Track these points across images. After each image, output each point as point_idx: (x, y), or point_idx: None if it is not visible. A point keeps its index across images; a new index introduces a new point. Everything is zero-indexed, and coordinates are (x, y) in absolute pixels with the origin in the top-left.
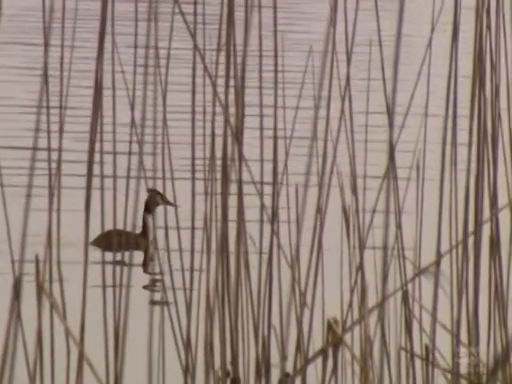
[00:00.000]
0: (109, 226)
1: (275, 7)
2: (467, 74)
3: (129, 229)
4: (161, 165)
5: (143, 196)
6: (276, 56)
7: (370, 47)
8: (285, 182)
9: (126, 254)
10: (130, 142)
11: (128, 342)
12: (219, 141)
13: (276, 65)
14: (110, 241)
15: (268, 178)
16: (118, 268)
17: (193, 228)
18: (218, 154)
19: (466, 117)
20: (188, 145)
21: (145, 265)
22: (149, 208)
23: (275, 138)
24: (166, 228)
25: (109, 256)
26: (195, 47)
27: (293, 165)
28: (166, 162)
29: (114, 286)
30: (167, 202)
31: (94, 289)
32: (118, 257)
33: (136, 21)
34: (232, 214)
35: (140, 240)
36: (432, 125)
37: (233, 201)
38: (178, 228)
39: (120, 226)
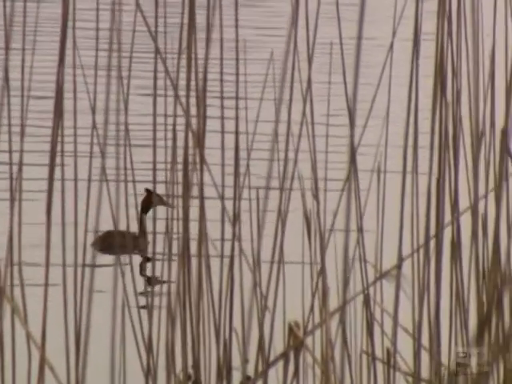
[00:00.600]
0: (70, 230)
1: (236, 9)
2: (430, 80)
3: (93, 231)
4: (122, 169)
5: (105, 198)
6: (237, 60)
7: (330, 50)
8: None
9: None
10: (92, 145)
11: (89, 345)
12: (181, 144)
13: (237, 69)
14: (108, 243)
15: (230, 181)
16: (85, 270)
17: (154, 232)
18: (180, 158)
19: (427, 119)
20: (150, 148)
21: (142, 266)
22: (145, 209)
23: (237, 145)
24: (128, 232)
25: (107, 258)
26: (156, 50)
27: (255, 168)
28: (127, 166)
29: (75, 289)
30: (163, 203)
31: (56, 291)
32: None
33: (97, 22)
34: (193, 217)
35: (139, 241)
36: (393, 128)
37: (194, 204)
38: (140, 232)
39: (81, 229)
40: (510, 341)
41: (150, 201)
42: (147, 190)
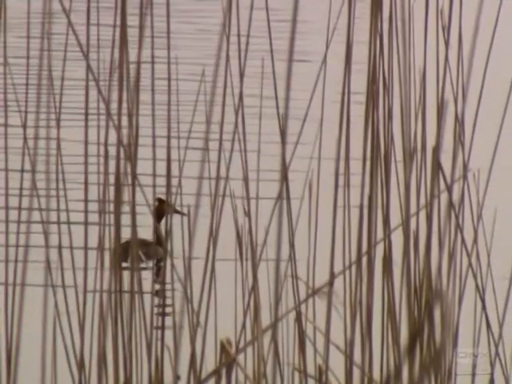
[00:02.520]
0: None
1: (168, 17)
2: (362, 91)
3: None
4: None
5: (36, 213)
6: (169, 80)
7: (262, 63)
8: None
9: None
10: (23, 158)
11: (20, 360)
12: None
13: (169, 86)
14: (127, 251)
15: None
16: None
17: (85, 246)
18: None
19: (360, 135)
20: (81, 165)
21: (158, 274)
22: (158, 217)
23: (169, 159)
24: (60, 246)
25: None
26: (88, 67)
27: (187, 186)
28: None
29: (5, 304)
30: (176, 211)
31: None
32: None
33: (28, 38)
34: (125, 233)
35: (158, 249)
36: (326, 142)
37: (126, 220)
38: (71, 247)
39: (12, 243)
40: (441, 355)
41: (162, 209)
42: (159, 199)
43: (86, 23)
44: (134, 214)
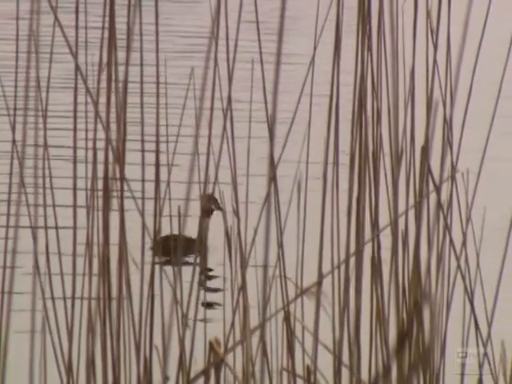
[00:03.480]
0: None
1: (157, 22)
2: (350, 92)
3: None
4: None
5: (25, 213)
6: (158, 81)
7: (252, 65)
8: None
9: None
10: (12, 160)
11: (8, 361)
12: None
13: (158, 88)
14: (167, 246)
15: (151, 203)
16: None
17: (74, 251)
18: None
19: (348, 136)
20: (70, 171)
21: (202, 269)
22: (205, 213)
23: (157, 163)
24: (47, 252)
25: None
26: (76, 67)
27: (175, 188)
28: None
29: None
30: (218, 207)
31: None
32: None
33: (17, 40)
34: (114, 235)
35: (201, 246)
36: (314, 145)
37: (115, 221)
38: (59, 253)
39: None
40: (430, 354)
41: (209, 205)
42: (205, 195)
43: (75, 24)
44: (122, 218)
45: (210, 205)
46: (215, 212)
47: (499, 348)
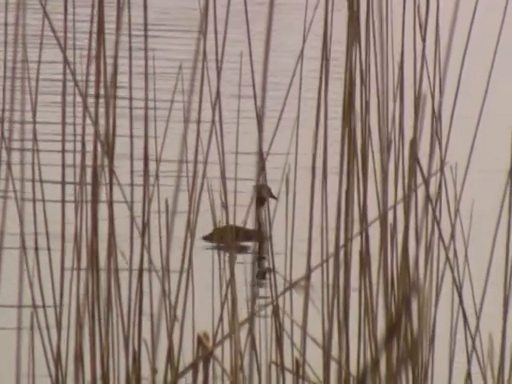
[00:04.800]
0: None
1: (146, 26)
2: (339, 89)
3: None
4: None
5: (12, 206)
6: (146, 77)
7: (240, 59)
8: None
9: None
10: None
11: None
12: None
13: (146, 86)
14: (223, 236)
15: (139, 195)
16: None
17: (62, 245)
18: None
19: (337, 130)
20: (58, 167)
21: (259, 259)
22: (259, 202)
23: (146, 158)
24: (37, 248)
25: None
26: (65, 61)
27: (164, 181)
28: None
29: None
30: (272, 196)
31: None
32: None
33: (6, 36)
34: (102, 228)
35: (258, 234)
36: (303, 138)
37: (103, 214)
38: (48, 248)
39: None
40: (419, 345)
41: (262, 194)
42: (259, 185)
43: (63, 18)
44: (111, 209)
45: (263, 194)
46: (267, 200)
47: (487, 343)
